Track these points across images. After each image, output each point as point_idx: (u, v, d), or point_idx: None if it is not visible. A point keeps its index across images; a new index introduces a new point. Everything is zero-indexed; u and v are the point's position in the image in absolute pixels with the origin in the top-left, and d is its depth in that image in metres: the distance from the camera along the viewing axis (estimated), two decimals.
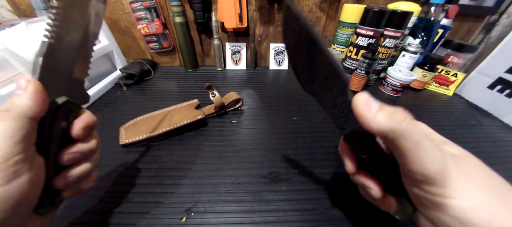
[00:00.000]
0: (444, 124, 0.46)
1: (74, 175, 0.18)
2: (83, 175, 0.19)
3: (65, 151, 0.18)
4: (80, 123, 0.18)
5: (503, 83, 0.49)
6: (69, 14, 0.16)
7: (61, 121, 0.17)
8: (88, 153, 0.19)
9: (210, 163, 0.33)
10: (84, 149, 0.19)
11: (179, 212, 0.27)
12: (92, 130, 0.20)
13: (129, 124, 0.38)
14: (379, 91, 0.57)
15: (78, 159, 0.19)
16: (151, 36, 0.60)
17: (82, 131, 0.18)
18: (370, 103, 0.16)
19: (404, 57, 0.55)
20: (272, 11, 0.60)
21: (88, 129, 0.19)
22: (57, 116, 0.16)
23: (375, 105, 0.16)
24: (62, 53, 0.17)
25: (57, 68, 0.17)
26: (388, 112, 0.15)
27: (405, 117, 0.15)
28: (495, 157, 0.37)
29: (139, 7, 0.55)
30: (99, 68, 0.57)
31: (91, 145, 0.19)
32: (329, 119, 0.45)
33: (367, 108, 0.16)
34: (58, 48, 0.16)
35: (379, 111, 0.15)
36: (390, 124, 0.15)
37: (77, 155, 0.18)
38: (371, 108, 0.15)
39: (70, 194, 0.19)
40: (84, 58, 0.19)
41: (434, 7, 0.52)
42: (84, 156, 0.19)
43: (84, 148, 0.19)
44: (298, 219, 0.26)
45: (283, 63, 0.68)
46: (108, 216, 0.26)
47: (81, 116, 0.18)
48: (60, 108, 0.16)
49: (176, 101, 0.44)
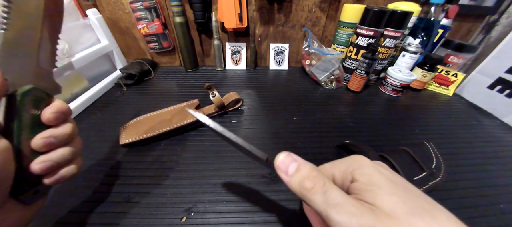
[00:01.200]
0: (444, 124, 0.46)
1: (50, 159, 0.18)
2: (61, 160, 0.19)
3: (38, 136, 0.18)
4: (50, 109, 0.19)
5: (503, 83, 0.49)
6: (22, 6, 0.18)
7: (31, 108, 0.18)
8: (63, 138, 0.19)
9: (210, 163, 0.33)
10: (57, 133, 0.19)
11: (179, 212, 0.27)
12: (64, 117, 0.20)
13: (129, 124, 0.38)
14: (379, 91, 0.57)
15: (53, 145, 0.19)
16: (151, 36, 0.60)
17: (53, 116, 0.18)
18: (287, 165, 0.17)
19: (404, 57, 0.55)
20: (272, 11, 0.60)
21: (59, 114, 0.19)
22: (24, 102, 0.17)
23: (292, 167, 0.16)
24: (21, 44, 0.18)
25: (18, 57, 0.18)
26: (299, 179, 0.16)
27: (312, 187, 0.15)
28: (495, 157, 0.37)
29: (139, 7, 0.55)
30: (99, 68, 0.57)
31: (64, 129, 0.19)
32: (329, 119, 0.45)
33: (284, 170, 0.17)
34: (15, 39, 0.17)
35: (294, 175, 0.16)
36: (300, 191, 0.15)
37: (51, 139, 0.18)
38: (287, 171, 0.16)
39: (51, 181, 0.19)
40: (48, 48, 0.20)
41: (434, 7, 0.52)
42: (60, 141, 0.19)
43: (57, 132, 0.19)
44: (298, 219, 0.26)
45: (283, 63, 0.68)
46: (108, 216, 0.26)
47: (52, 104, 0.19)
48: (26, 95, 0.17)
49: (176, 101, 0.44)
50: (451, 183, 0.32)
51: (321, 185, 0.15)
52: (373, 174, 0.15)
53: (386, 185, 0.14)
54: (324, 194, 0.14)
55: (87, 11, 0.52)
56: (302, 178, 0.16)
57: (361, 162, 0.17)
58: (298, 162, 0.17)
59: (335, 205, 0.14)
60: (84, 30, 0.52)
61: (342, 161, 0.18)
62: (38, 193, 0.19)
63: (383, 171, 0.16)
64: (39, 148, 0.18)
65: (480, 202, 0.30)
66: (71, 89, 0.47)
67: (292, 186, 0.16)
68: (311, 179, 0.15)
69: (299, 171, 0.16)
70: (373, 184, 0.15)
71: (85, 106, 0.46)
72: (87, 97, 0.46)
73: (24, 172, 0.17)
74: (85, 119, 0.42)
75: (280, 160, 0.17)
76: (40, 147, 0.18)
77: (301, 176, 0.16)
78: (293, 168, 0.16)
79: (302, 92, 0.55)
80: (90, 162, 0.33)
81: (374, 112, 0.48)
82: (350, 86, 0.55)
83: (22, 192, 0.18)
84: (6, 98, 0.17)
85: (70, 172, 0.20)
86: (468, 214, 0.28)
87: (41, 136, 0.18)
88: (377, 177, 0.15)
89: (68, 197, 0.28)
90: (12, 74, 0.17)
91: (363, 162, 0.17)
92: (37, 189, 0.19)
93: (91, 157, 0.33)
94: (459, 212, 0.13)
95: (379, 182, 0.15)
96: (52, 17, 0.20)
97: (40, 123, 0.18)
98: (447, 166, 0.33)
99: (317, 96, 0.54)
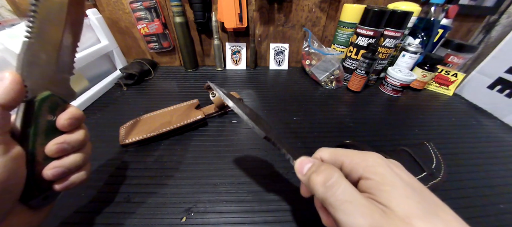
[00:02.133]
0: (444, 124, 0.46)
1: (63, 165, 0.19)
2: (72, 166, 0.19)
3: (52, 141, 0.18)
4: (65, 115, 0.19)
5: (503, 83, 0.49)
6: (46, 14, 0.18)
7: (47, 114, 0.18)
8: (75, 144, 0.20)
9: (210, 163, 0.33)
10: (70, 139, 0.19)
11: (179, 212, 0.27)
12: (78, 123, 0.20)
13: (129, 124, 0.38)
14: (379, 91, 0.57)
15: (66, 150, 0.19)
16: (151, 36, 0.60)
17: (67, 122, 0.19)
18: (303, 166, 0.18)
19: (404, 57, 0.55)
20: (272, 11, 0.60)
21: (74, 121, 0.19)
22: (41, 109, 0.18)
23: (306, 167, 0.18)
24: (43, 52, 0.18)
25: (39, 65, 0.18)
26: (310, 173, 0.17)
27: (322, 185, 0.15)
28: (495, 157, 0.37)
29: (139, 7, 0.55)
30: (99, 68, 0.57)
31: (77, 136, 0.20)
32: (329, 119, 0.45)
33: (300, 171, 0.18)
34: (38, 47, 0.18)
35: (310, 175, 0.17)
36: (312, 186, 0.16)
37: (64, 145, 0.19)
38: (303, 171, 0.18)
39: (62, 187, 0.19)
40: (66, 57, 0.20)
41: (434, 7, 0.52)
42: (72, 147, 0.19)
43: (70, 138, 0.19)
44: (299, 219, 0.26)
45: (283, 63, 0.68)
46: (108, 216, 0.26)
47: (67, 110, 0.19)
48: (44, 101, 0.18)
49: (176, 101, 0.44)
50: (451, 183, 0.32)
51: (333, 179, 0.15)
52: (388, 175, 0.15)
53: (401, 187, 0.14)
54: (333, 188, 0.14)
55: (87, 11, 0.52)
56: (314, 178, 0.16)
57: (377, 160, 0.16)
58: (311, 162, 0.18)
59: (343, 202, 0.14)
60: (84, 30, 0.52)
61: (357, 154, 0.17)
62: (47, 199, 0.19)
63: (398, 172, 0.15)
64: (52, 153, 0.18)
65: (480, 202, 0.30)
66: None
67: (304, 181, 0.17)
68: (320, 184, 0.15)
69: (314, 171, 0.17)
70: (388, 184, 0.14)
71: (85, 106, 0.46)
72: (87, 97, 0.46)
73: (36, 177, 0.18)
74: (85, 119, 0.42)
75: (298, 164, 0.18)
76: (54, 152, 0.18)
77: (312, 171, 0.17)
78: (307, 167, 0.17)
79: (302, 92, 0.55)
80: (90, 162, 0.33)
81: (374, 112, 0.48)
82: (350, 86, 0.55)
83: (32, 198, 0.18)
84: (24, 104, 0.17)
85: (80, 178, 0.20)
86: (468, 214, 0.28)
87: (55, 142, 0.18)
88: (392, 178, 0.14)
89: (68, 197, 0.28)
90: (32, 81, 0.17)
91: (379, 160, 0.16)
92: (47, 195, 0.19)
93: (91, 157, 0.33)
94: (459, 212, 0.13)
95: (395, 183, 0.14)
96: (73, 26, 0.20)
97: (55, 129, 0.19)
98: (447, 166, 0.33)
99: (317, 96, 0.54)
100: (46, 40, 0.18)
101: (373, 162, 0.16)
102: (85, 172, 0.21)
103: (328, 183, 0.15)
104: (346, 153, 0.18)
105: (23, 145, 0.17)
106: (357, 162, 0.16)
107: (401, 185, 0.14)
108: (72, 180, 0.20)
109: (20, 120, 0.17)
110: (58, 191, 0.19)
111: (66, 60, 0.20)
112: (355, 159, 0.17)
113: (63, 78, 0.20)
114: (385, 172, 0.15)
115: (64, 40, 0.19)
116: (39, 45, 0.18)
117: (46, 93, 0.18)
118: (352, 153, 0.18)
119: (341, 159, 0.18)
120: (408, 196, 0.13)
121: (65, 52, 0.20)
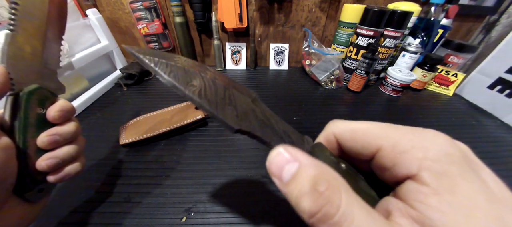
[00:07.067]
0: (444, 124, 0.46)
1: (56, 156, 0.19)
2: (66, 157, 0.19)
3: (43, 133, 0.19)
4: (55, 107, 0.19)
5: (503, 83, 0.49)
6: (28, 7, 0.18)
7: (36, 107, 0.18)
8: (67, 135, 0.20)
9: (210, 163, 0.33)
10: (62, 131, 0.19)
11: (179, 212, 0.27)
12: (69, 115, 0.20)
13: (129, 124, 0.38)
14: (379, 91, 0.57)
15: (59, 142, 0.19)
16: (151, 36, 0.60)
17: (57, 115, 0.19)
18: (281, 167, 0.11)
19: (404, 57, 0.55)
20: (272, 11, 0.60)
21: (64, 113, 0.19)
22: (29, 101, 0.18)
23: (288, 169, 0.11)
24: (27, 44, 0.18)
25: (24, 58, 0.18)
26: (297, 193, 0.10)
27: (318, 209, 0.09)
28: (495, 157, 0.37)
29: (139, 7, 0.55)
30: (99, 68, 0.57)
31: (69, 128, 0.20)
32: (329, 119, 0.45)
33: (277, 175, 0.11)
34: (22, 39, 0.18)
35: (290, 184, 0.10)
36: (301, 212, 0.10)
37: (56, 137, 0.19)
38: (281, 176, 0.11)
39: (57, 178, 0.19)
40: (52, 49, 0.20)
41: (434, 7, 0.52)
42: (65, 139, 0.20)
43: (62, 130, 0.19)
44: (298, 219, 0.26)
45: (283, 63, 0.68)
46: (108, 216, 0.26)
47: (56, 103, 0.20)
48: (32, 94, 0.18)
49: (176, 101, 0.44)
50: None
51: (337, 216, 0.09)
52: (468, 187, 0.08)
53: (485, 209, 0.08)
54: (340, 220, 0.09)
55: (87, 11, 0.52)
56: (301, 193, 0.09)
57: (445, 147, 0.09)
58: (299, 161, 0.10)
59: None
60: (84, 30, 0.52)
61: (405, 133, 0.11)
62: (43, 191, 0.19)
63: (484, 176, 0.09)
64: (44, 145, 0.18)
65: None
66: (71, 89, 0.47)
67: (285, 194, 0.11)
68: (316, 197, 0.09)
69: (298, 178, 0.10)
70: (465, 206, 0.08)
71: (85, 106, 0.46)
72: (87, 97, 0.46)
73: (29, 170, 0.18)
74: (85, 119, 0.42)
75: (271, 159, 0.12)
76: (46, 144, 0.18)
77: (300, 190, 0.10)
78: (290, 172, 0.10)
79: (302, 92, 0.55)
80: (90, 162, 0.33)
81: (374, 112, 0.48)
82: (350, 86, 0.55)
83: (27, 190, 0.18)
84: (12, 97, 0.17)
85: (75, 170, 0.21)
86: None
87: (46, 133, 0.19)
88: (476, 195, 0.08)
89: (68, 197, 0.28)
90: (18, 74, 0.17)
91: (448, 148, 0.09)
92: (42, 187, 0.19)
93: (91, 157, 0.33)
94: None
95: (474, 199, 0.08)
96: (56, 19, 0.20)
97: (45, 122, 0.19)
98: None
99: (317, 96, 0.54)
100: (29, 32, 0.18)
101: (439, 152, 0.09)
102: (79, 163, 0.21)
103: (329, 221, 0.09)
104: (384, 131, 0.11)
105: (12, 138, 0.17)
106: (406, 149, 0.10)
107: (485, 207, 0.08)
108: (67, 171, 0.20)
109: (8, 113, 0.17)
110: (53, 183, 0.20)
111: (52, 53, 0.20)
112: (403, 142, 0.10)
113: (51, 71, 0.20)
114: (464, 181, 0.08)
115: (48, 33, 0.20)
116: (22, 37, 0.18)
117: (34, 85, 0.18)
118: (394, 130, 0.11)
119: (374, 142, 0.11)
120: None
121: (51, 45, 0.20)
